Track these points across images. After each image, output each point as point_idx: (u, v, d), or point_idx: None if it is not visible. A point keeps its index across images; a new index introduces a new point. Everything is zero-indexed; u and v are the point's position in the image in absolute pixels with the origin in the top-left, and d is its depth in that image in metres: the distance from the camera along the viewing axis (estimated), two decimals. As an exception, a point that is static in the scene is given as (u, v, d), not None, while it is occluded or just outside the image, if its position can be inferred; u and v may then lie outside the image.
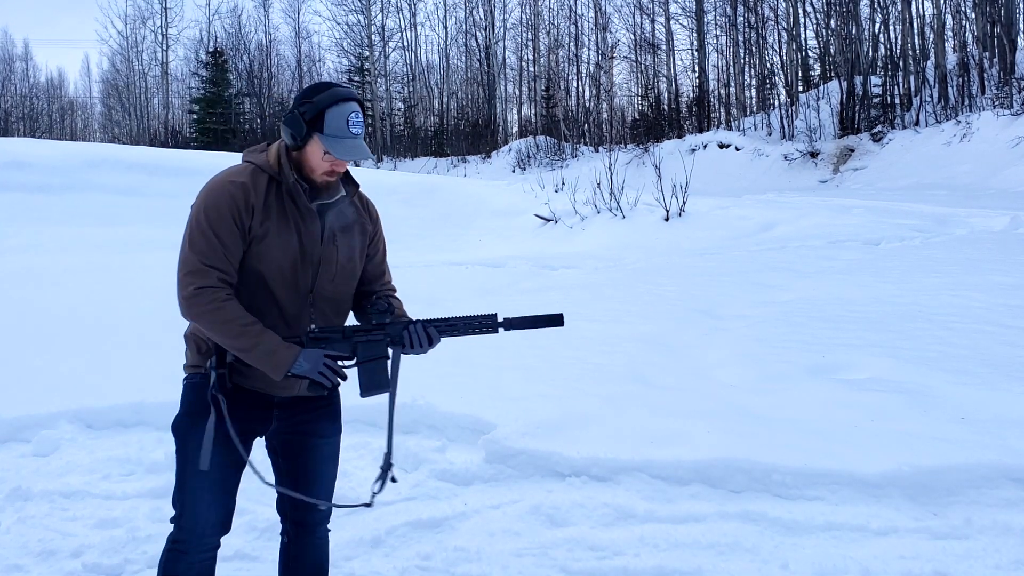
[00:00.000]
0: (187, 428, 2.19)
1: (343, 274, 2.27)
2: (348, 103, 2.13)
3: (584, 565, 2.98)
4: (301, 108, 2.13)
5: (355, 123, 2.13)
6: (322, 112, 2.11)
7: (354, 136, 2.13)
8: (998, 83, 22.98)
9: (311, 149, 2.15)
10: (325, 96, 2.12)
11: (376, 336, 2.20)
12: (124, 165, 13.98)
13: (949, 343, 5.04)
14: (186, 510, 2.17)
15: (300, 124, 2.12)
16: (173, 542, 2.20)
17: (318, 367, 2.13)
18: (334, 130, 2.11)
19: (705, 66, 35.25)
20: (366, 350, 2.20)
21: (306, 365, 2.11)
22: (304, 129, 2.12)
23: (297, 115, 2.13)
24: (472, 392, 4.49)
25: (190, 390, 2.22)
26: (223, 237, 2.09)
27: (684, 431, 3.89)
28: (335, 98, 2.12)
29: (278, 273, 2.15)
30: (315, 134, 2.12)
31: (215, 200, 2.12)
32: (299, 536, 2.36)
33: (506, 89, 43.54)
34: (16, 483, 3.72)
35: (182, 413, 2.22)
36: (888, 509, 3.25)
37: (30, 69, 55.00)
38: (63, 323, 6.36)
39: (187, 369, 2.27)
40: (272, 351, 2.08)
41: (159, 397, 4.50)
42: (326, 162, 2.15)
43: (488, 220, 13.63)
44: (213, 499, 2.17)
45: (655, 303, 6.74)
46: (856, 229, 9.97)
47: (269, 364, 2.08)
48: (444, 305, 6.68)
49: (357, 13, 42.77)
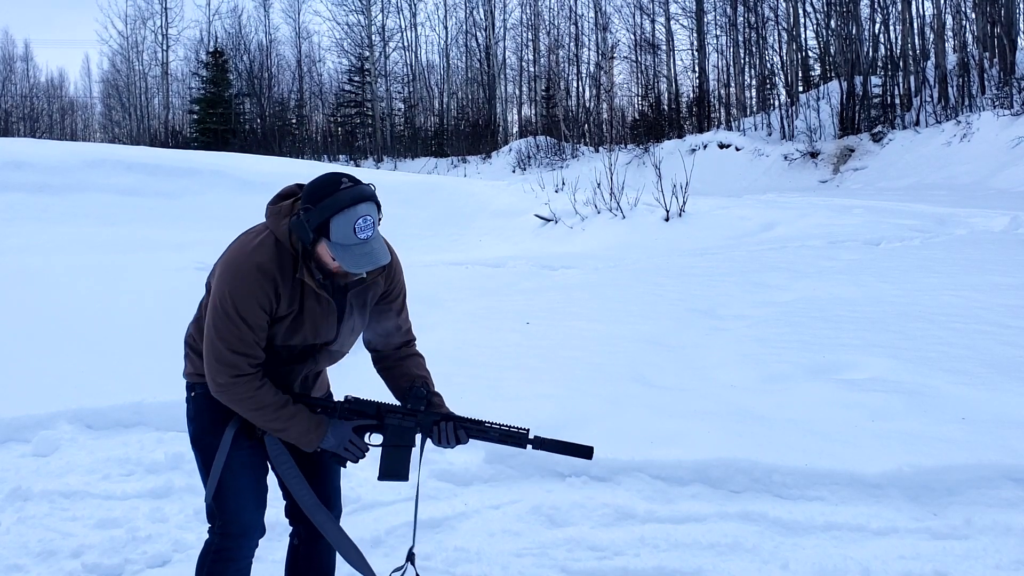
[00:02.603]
0: (214, 438, 2.17)
1: (352, 339, 2.29)
2: (354, 208, 1.98)
3: (584, 565, 2.99)
4: (305, 214, 2.00)
5: (364, 228, 1.98)
6: (327, 220, 1.99)
7: (362, 242, 2.00)
8: (998, 83, 22.98)
9: (321, 251, 2.06)
10: (330, 202, 1.98)
11: (408, 423, 2.21)
12: (124, 165, 13.96)
13: (949, 343, 5.04)
14: (231, 517, 2.16)
15: (306, 231, 2.01)
16: (218, 551, 2.18)
17: (343, 443, 2.17)
18: (341, 239, 1.99)
19: (705, 66, 35.25)
20: (395, 435, 2.21)
21: (333, 440, 2.16)
22: (310, 236, 2.01)
23: (302, 222, 2.01)
24: (472, 392, 4.49)
25: (205, 400, 2.19)
26: (252, 325, 2.06)
27: (684, 431, 3.89)
28: (339, 205, 1.98)
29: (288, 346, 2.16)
30: (323, 239, 2.02)
31: (243, 288, 2.04)
32: (310, 539, 2.36)
33: (506, 89, 43.55)
34: (16, 483, 3.72)
35: (204, 425, 2.19)
36: (888, 509, 3.25)
37: (30, 69, 54.99)
38: (63, 323, 6.35)
39: (192, 377, 2.24)
40: (305, 431, 2.13)
41: (159, 397, 4.51)
42: (336, 264, 2.06)
43: (488, 220, 13.63)
44: (257, 502, 2.20)
45: (655, 303, 6.74)
46: (856, 229, 9.97)
47: (300, 442, 2.14)
48: (445, 305, 6.69)
49: (357, 13, 42.77)
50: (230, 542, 2.16)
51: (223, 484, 2.14)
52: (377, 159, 38.69)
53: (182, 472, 3.83)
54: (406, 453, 2.21)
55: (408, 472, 2.22)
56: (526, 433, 2.23)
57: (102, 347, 5.65)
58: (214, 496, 2.15)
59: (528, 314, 6.50)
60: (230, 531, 2.16)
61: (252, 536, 2.19)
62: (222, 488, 2.14)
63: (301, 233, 2.02)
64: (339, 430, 2.16)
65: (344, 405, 2.19)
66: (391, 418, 2.20)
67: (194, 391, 2.21)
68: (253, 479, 2.18)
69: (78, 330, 6.13)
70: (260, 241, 2.09)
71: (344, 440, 2.17)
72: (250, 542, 2.20)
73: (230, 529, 2.16)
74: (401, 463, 2.21)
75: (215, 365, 2.06)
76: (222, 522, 2.16)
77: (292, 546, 2.40)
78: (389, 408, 2.21)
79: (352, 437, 2.17)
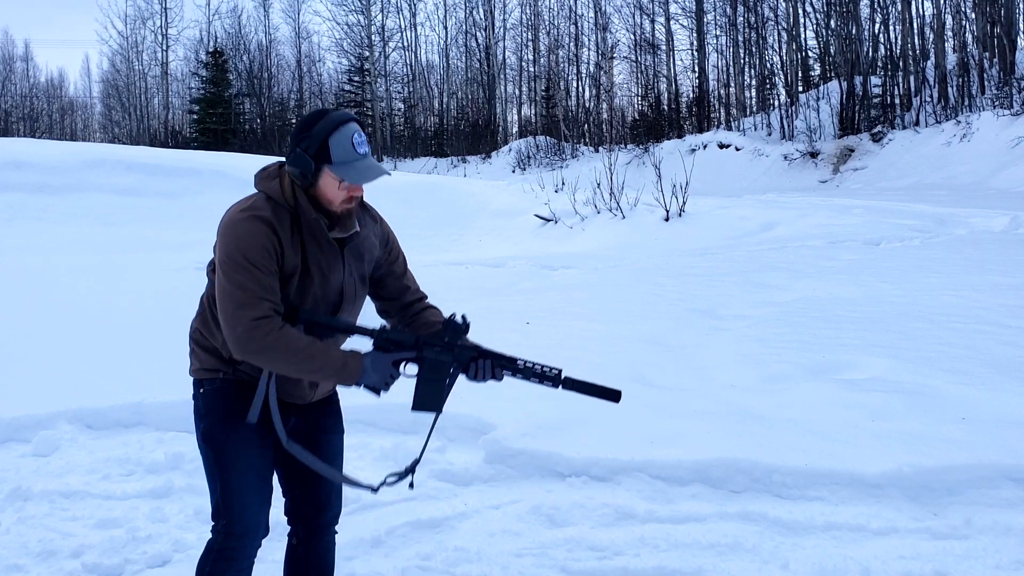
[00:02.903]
0: (224, 435, 2.14)
1: (358, 304, 2.28)
2: (347, 125, 2.06)
3: (584, 565, 2.98)
4: (302, 144, 2.05)
5: (360, 143, 2.07)
6: (325, 142, 2.03)
7: (363, 156, 2.07)
8: (998, 83, 22.99)
9: (325, 182, 2.07)
10: (323, 125, 2.04)
11: (446, 357, 2.17)
12: (124, 165, 13.97)
13: (949, 343, 5.04)
14: (236, 516, 2.14)
15: (306, 160, 2.04)
16: (220, 550, 2.16)
17: (385, 377, 2.10)
18: (342, 156, 2.04)
19: (705, 66, 35.25)
20: (432, 368, 2.16)
21: (375, 376, 2.08)
22: (312, 165, 2.04)
23: (300, 152, 2.05)
24: (472, 392, 4.47)
25: (215, 396, 2.15)
26: (263, 268, 2.01)
27: (684, 431, 3.89)
28: (333, 124, 2.05)
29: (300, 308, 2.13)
30: (324, 167, 2.05)
31: (247, 234, 2.02)
32: (309, 539, 2.35)
33: (506, 89, 43.56)
34: (16, 483, 3.72)
35: (215, 421, 2.15)
36: (888, 509, 3.25)
37: (30, 69, 55.01)
38: (63, 323, 6.36)
39: (200, 373, 2.19)
40: (342, 365, 2.05)
41: (159, 397, 4.51)
42: (343, 191, 2.08)
43: (488, 220, 13.63)
44: (262, 501, 2.18)
45: (655, 303, 6.74)
46: (856, 229, 9.97)
47: (340, 378, 2.07)
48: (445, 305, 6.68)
49: (357, 13, 42.78)
50: (233, 541, 2.16)
51: (230, 483, 2.13)
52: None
53: (182, 472, 3.83)
54: (441, 386, 2.18)
55: (442, 405, 2.19)
56: (559, 374, 2.29)
57: (102, 347, 5.65)
58: (220, 494, 2.14)
59: (528, 314, 6.50)
60: (234, 530, 2.15)
61: (256, 536, 2.19)
62: (229, 486, 2.13)
63: (302, 165, 2.04)
64: (379, 363, 2.09)
65: (382, 334, 2.13)
66: (429, 351, 2.15)
67: (203, 387, 2.18)
68: (260, 479, 2.17)
69: (78, 330, 6.13)
70: (252, 201, 2.10)
71: (386, 374, 2.09)
72: (254, 542, 2.19)
73: (234, 528, 2.15)
74: (436, 396, 2.18)
75: (233, 315, 1.98)
76: (227, 521, 2.15)
77: (291, 546, 2.39)
78: (427, 340, 2.16)
79: (392, 371, 2.11)
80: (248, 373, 2.14)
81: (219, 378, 2.15)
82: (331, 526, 2.38)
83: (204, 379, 2.18)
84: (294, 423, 2.25)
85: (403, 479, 2.28)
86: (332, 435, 2.34)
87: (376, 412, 4.29)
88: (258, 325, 1.97)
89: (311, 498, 2.31)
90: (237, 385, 2.15)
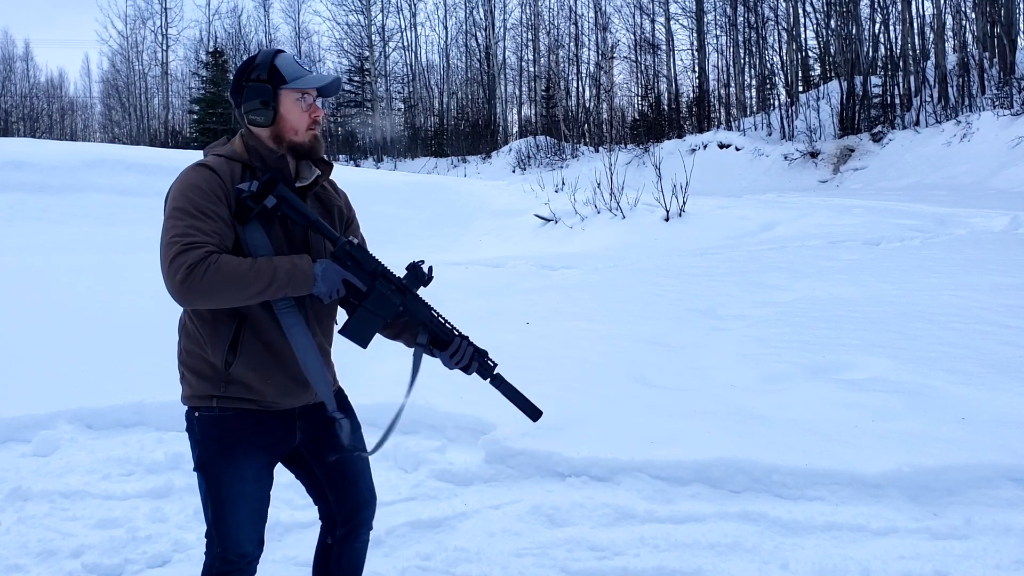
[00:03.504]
0: (220, 469, 2.07)
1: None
2: (284, 52, 2.11)
3: (584, 565, 2.98)
4: (252, 76, 2.06)
5: (304, 62, 2.10)
6: (272, 65, 2.06)
7: (310, 71, 2.09)
8: (998, 83, 23.00)
9: (286, 107, 2.06)
10: (262, 56, 2.08)
11: (395, 296, 2.08)
12: (124, 165, 13.97)
13: (949, 343, 5.04)
14: (231, 544, 2.12)
15: (263, 87, 2.04)
16: (220, 573, 2.14)
17: (332, 291, 2.00)
18: (294, 73, 2.06)
19: (705, 66, 35.27)
20: (377, 302, 2.07)
21: (323, 288, 1.98)
22: (269, 89, 2.04)
23: (252, 84, 2.05)
24: (472, 392, 4.48)
25: (210, 425, 2.08)
26: (208, 212, 1.93)
27: (684, 431, 3.89)
28: (272, 52, 2.10)
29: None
30: (281, 88, 2.05)
31: (191, 183, 1.97)
32: (348, 538, 2.29)
33: (506, 89, 43.58)
34: (16, 483, 3.72)
35: (211, 454, 2.08)
36: (888, 509, 3.25)
37: (30, 69, 55.01)
38: (63, 323, 6.36)
39: (192, 401, 2.10)
40: (291, 273, 1.93)
41: (159, 397, 4.50)
42: (306, 112, 2.07)
43: (488, 220, 13.63)
44: (255, 529, 2.15)
45: (655, 303, 6.74)
46: (856, 229, 9.97)
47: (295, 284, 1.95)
48: (445, 305, 6.68)
49: (357, 13, 42.81)
50: (230, 566, 2.15)
51: (223, 515, 2.10)
52: (377, 159, 38.72)
53: (182, 472, 3.83)
54: (378, 323, 2.09)
55: (369, 342, 2.10)
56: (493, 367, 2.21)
57: (102, 347, 5.65)
58: (213, 524, 2.12)
59: (528, 314, 6.50)
60: (228, 557, 2.14)
61: (254, 558, 2.17)
62: (222, 518, 2.10)
63: (260, 93, 2.04)
64: (330, 273, 1.98)
65: (346, 246, 2.04)
66: (382, 284, 2.07)
67: (197, 413, 2.10)
68: (255, 512, 2.13)
69: (78, 330, 6.13)
70: (195, 163, 2.07)
71: (334, 287, 1.98)
72: (251, 565, 2.18)
73: (229, 555, 2.13)
74: (369, 328, 2.08)
75: (170, 266, 1.85)
76: (221, 548, 2.13)
77: (324, 544, 2.33)
78: (385, 273, 2.07)
79: (339, 286, 2.00)
80: (241, 396, 2.06)
81: (215, 407, 2.06)
82: (369, 522, 2.33)
83: (198, 407, 2.09)
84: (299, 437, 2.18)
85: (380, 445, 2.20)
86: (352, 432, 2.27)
87: (376, 412, 4.28)
88: (193, 269, 1.84)
89: (349, 496, 2.26)
90: (232, 417, 2.07)
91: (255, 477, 2.11)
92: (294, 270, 1.94)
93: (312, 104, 2.10)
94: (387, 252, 2.56)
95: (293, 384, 2.10)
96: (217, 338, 2.04)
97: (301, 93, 2.07)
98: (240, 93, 2.08)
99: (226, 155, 2.07)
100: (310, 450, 2.21)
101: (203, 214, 1.93)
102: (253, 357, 2.05)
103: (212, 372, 2.06)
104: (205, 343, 2.05)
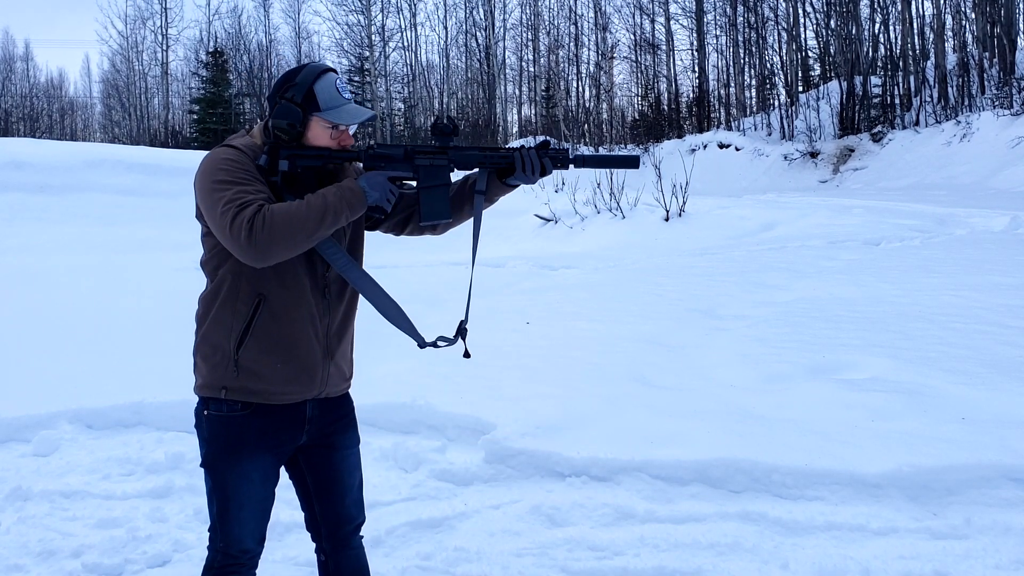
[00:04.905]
0: (226, 467, 2.09)
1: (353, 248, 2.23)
2: (328, 74, 2.08)
3: (584, 565, 2.98)
4: (287, 95, 2.05)
5: (344, 89, 2.08)
6: (310, 89, 2.04)
7: (348, 100, 2.08)
8: (998, 83, 23.00)
9: (314, 132, 2.07)
10: (305, 74, 2.06)
11: (440, 160, 2.08)
12: (124, 165, 13.97)
13: (949, 343, 5.04)
14: (233, 540, 2.13)
15: (293, 109, 2.04)
16: (221, 567, 2.15)
17: (386, 194, 2.03)
18: (329, 102, 2.05)
19: (705, 66, 35.26)
20: (429, 175, 2.08)
21: (375, 194, 2.01)
22: (300, 113, 2.04)
23: (287, 103, 2.04)
24: (472, 392, 4.49)
25: (218, 423, 2.09)
26: (248, 179, 1.98)
27: (684, 431, 3.89)
28: (316, 72, 2.07)
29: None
30: (312, 115, 2.05)
31: (223, 158, 2.01)
32: (336, 552, 2.30)
33: (506, 89, 43.55)
34: (16, 483, 3.72)
35: (218, 452, 2.09)
36: (888, 509, 3.25)
37: (30, 69, 54.99)
38: (63, 323, 6.36)
39: (203, 391, 2.10)
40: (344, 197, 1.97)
41: (159, 397, 4.51)
42: (334, 140, 2.09)
43: (488, 220, 13.44)
44: (259, 527, 2.16)
45: (655, 303, 6.74)
46: (856, 229, 9.97)
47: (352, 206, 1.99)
48: (445, 305, 6.69)
49: (357, 13, 42.75)
50: (231, 560, 2.15)
51: (228, 512, 2.11)
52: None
53: (182, 472, 3.83)
54: (444, 191, 2.10)
55: (450, 213, 2.12)
56: (567, 151, 2.18)
57: (102, 347, 5.65)
58: (218, 519, 2.13)
59: (528, 314, 6.50)
60: (231, 551, 2.15)
61: (255, 554, 2.18)
62: (227, 515, 2.11)
63: (290, 115, 2.03)
64: (375, 180, 2.02)
65: (368, 152, 2.08)
66: (421, 159, 2.08)
67: (208, 409, 2.10)
68: (259, 510, 2.14)
69: (78, 330, 6.13)
70: (220, 146, 2.08)
71: (385, 190, 2.02)
72: (252, 560, 2.18)
73: (231, 550, 2.14)
74: (438, 200, 2.09)
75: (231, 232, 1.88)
76: (224, 543, 2.14)
77: (321, 562, 2.34)
78: (416, 148, 2.09)
79: (390, 186, 2.04)
80: (249, 386, 2.06)
81: (224, 400, 2.07)
82: (357, 533, 2.33)
83: (209, 398, 2.09)
84: (304, 439, 2.18)
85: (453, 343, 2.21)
86: (347, 450, 2.28)
87: (376, 412, 4.29)
88: (252, 222, 1.88)
89: (332, 512, 2.26)
90: (241, 417, 2.07)
91: (261, 478, 2.12)
92: (341, 191, 1.99)
93: (343, 132, 2.10)
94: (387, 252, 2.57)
95: (301, 373, 2.10)
96: (234, 318, 2.06)
97: (332, 125, 2.08)
98: (274, 105, 2.08)
99: (245, 150, 2.09)
100: (305, 456, 2.22)
101: (245, 180, 1.98)
102: (264, 340, 2.06)
103: (221, 357, 2.07)
104: (220, 324, 2.07)
